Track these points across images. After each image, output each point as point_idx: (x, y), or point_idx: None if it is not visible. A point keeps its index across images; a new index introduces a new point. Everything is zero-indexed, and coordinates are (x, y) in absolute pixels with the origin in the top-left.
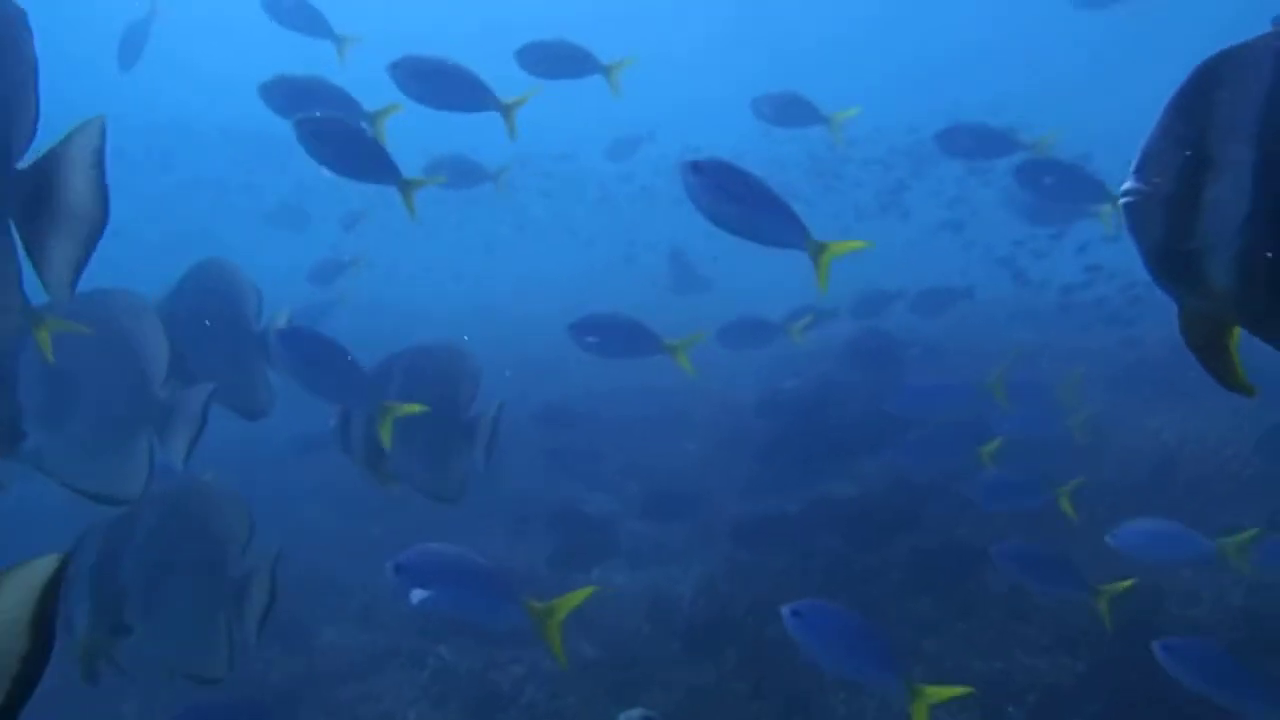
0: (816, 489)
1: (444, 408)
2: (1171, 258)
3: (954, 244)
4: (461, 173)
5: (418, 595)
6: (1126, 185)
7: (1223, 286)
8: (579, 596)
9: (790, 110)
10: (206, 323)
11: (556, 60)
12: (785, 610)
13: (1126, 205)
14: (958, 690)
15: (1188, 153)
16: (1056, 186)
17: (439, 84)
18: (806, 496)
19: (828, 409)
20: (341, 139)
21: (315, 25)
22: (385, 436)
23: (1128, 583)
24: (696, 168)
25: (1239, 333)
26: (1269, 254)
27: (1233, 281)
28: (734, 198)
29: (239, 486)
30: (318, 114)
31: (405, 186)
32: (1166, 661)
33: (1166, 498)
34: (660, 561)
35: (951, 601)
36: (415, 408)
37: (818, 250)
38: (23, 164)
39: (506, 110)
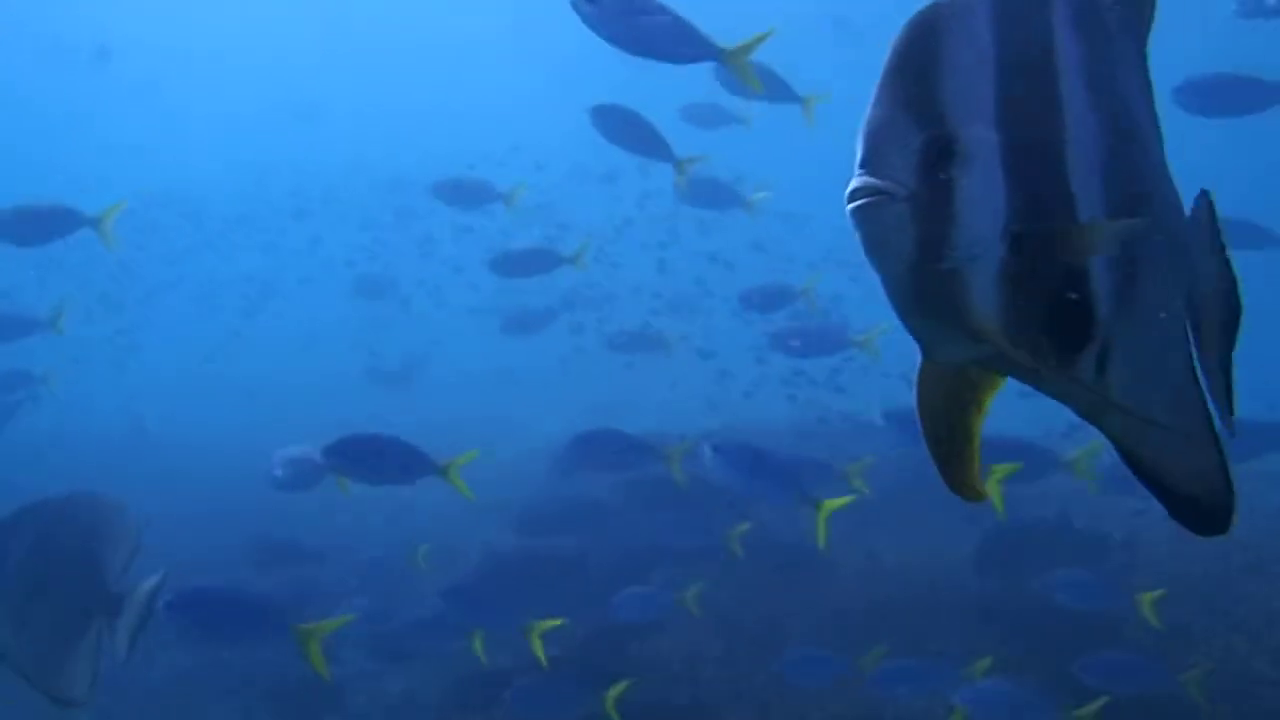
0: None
1: (82, 578)
2: (925, 282)
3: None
4: None
5: None
6: (856, 182)
7: (985, 319)
8: None
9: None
10: None
11: None
12: (705, 447)
13: (860, 210)
14: (850, 498)
15: (928, 134)
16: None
17: None
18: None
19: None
20: None
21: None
22: None
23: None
24: None
25: (987, 408)
26: (1036, 270)
27: (997, 310)
28: None
29: None
30: None
31: None
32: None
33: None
34: None
35: None
36: None
37: None
38: None
39: None
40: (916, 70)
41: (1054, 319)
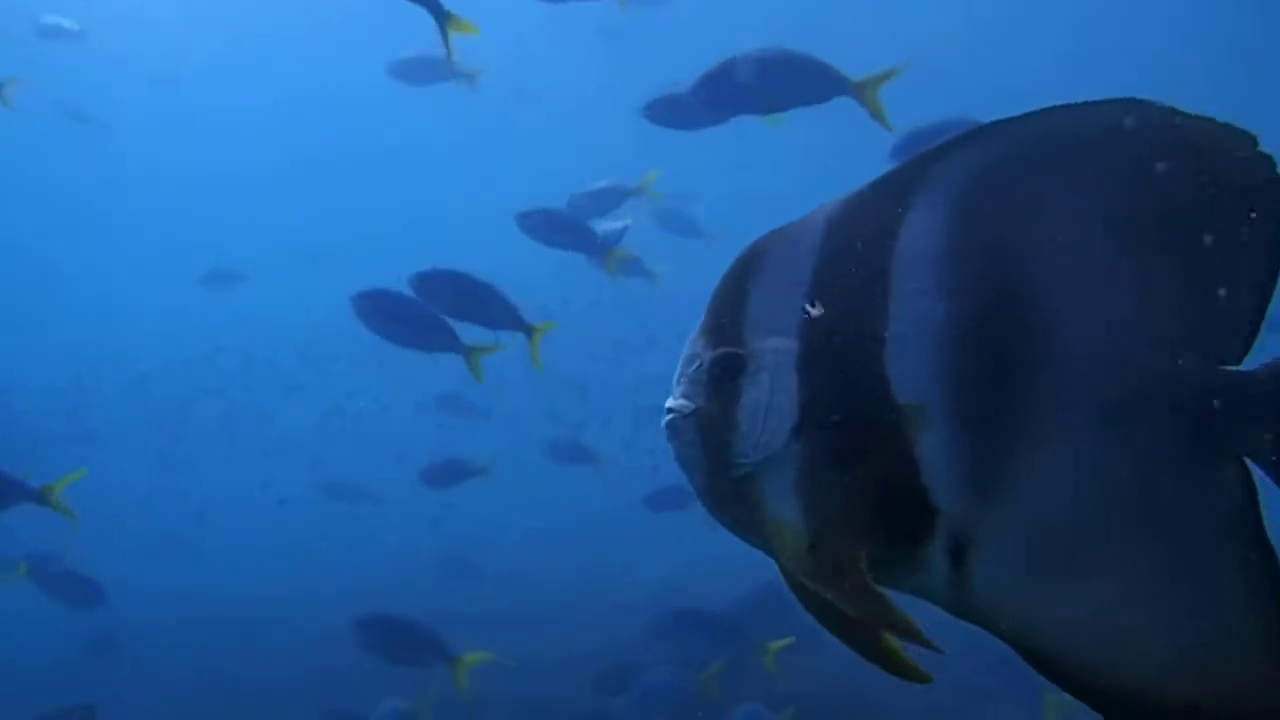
0: None
1: None
2: (722, 495)
3: None
4: None
5: None
6: (667, 403)
7: (791, 524)
8: None
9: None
10: None
11: None
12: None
13: (666, 429)
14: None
15: (720, 352)
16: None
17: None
18: None
19: None
20: None
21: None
22: None
23: None
24: None
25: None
26: (833, 464)
27: (799, 515)
28: None
29: None
30: None
31: None
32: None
33: None
34: None
35: None
36: None
37: None
38: None
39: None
40: (725, 297)
41: (863, 513)
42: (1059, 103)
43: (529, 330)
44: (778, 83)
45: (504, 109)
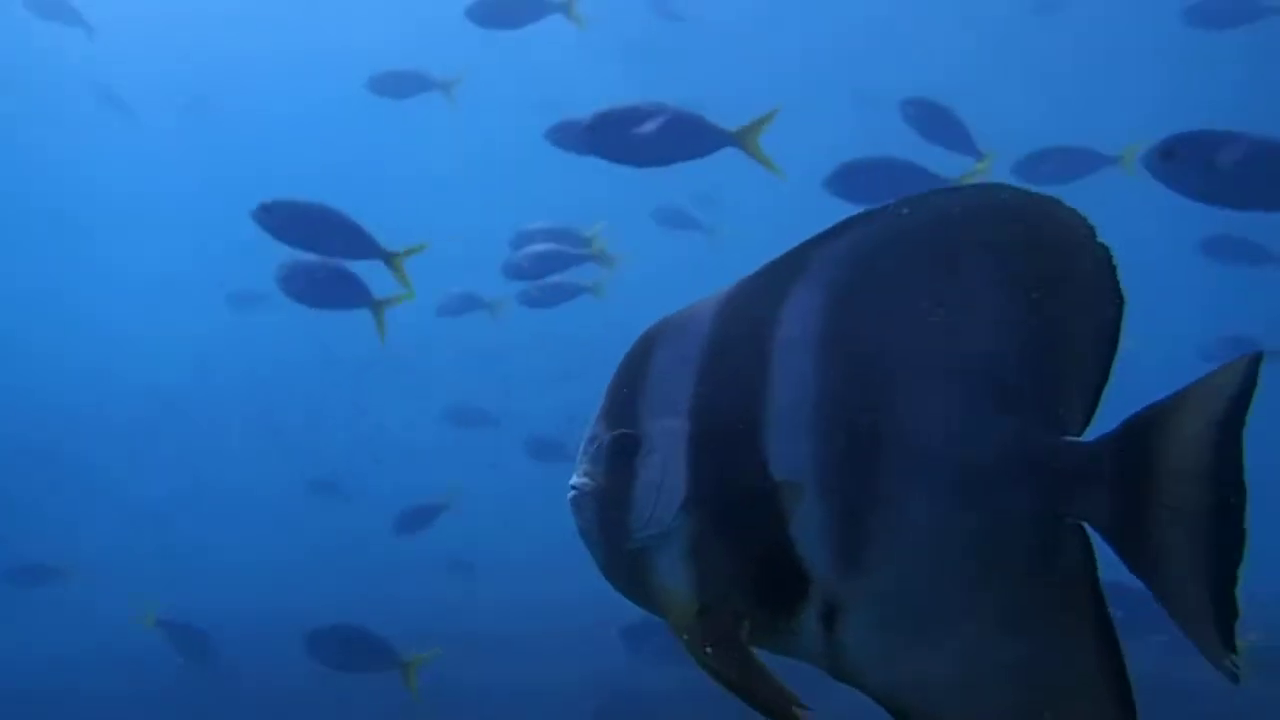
0: None
1: None
2: (619, 566)
3: None
4: None
5: None
6: (570, 480)
7: (681, 596)
8: None
9: None
10: None
11: None
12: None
13: (570, 504)
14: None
15: (616, 433)
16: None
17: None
18: None
19: None
20: None
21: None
22: None
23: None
24: None
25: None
26: (716, 537)
27: (688, 587)
28: None
29: None
30: None
31: None
32: None
33: None
34: None
35: None
36: None
37: None
38: None
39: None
40: (623, 380)
41: (745, 583)
42: (942, 186)
43: (388, 257)
44: (660, 140)
45: (527, 122)
